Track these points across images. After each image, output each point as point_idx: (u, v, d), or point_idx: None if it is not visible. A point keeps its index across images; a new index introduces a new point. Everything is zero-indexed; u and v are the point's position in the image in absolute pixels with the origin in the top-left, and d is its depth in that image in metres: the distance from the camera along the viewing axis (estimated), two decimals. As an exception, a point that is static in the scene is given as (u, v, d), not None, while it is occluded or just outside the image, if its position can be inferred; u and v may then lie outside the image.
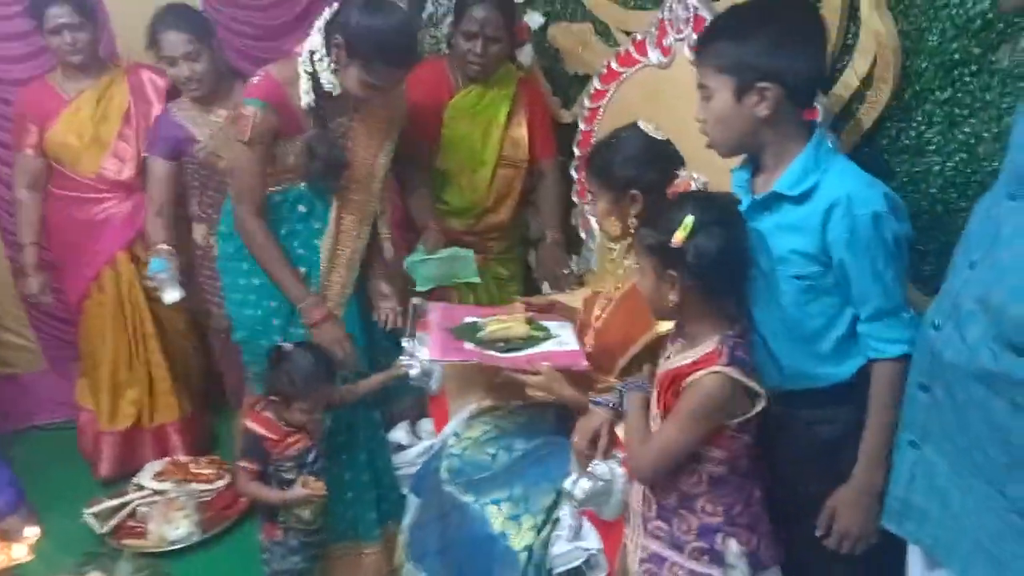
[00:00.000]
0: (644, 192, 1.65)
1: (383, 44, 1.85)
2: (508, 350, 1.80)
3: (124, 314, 2.77)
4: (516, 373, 1.70)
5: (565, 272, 2.37)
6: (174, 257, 2.52)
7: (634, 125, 1.70)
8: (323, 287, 2.10)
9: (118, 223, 2.73)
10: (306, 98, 1.92)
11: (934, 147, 1.62)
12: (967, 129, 1.55)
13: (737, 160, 1.58)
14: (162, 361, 2.83)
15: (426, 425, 2.22)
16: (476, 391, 2.01)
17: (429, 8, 3.28)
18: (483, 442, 1.87)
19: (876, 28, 1.61)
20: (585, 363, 1.71)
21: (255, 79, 1.96)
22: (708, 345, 1.39)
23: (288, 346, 1.94)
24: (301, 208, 2.08)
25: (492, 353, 1.77)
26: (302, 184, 2.05)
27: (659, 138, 1.68)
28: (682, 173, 1.67)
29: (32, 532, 1.77)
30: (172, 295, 2.44)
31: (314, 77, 1.91)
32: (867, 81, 1.68)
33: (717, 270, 1.36)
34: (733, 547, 1.39)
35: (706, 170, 1.73)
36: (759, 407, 1.37)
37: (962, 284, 1.11)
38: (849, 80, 1.71)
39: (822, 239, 1.38)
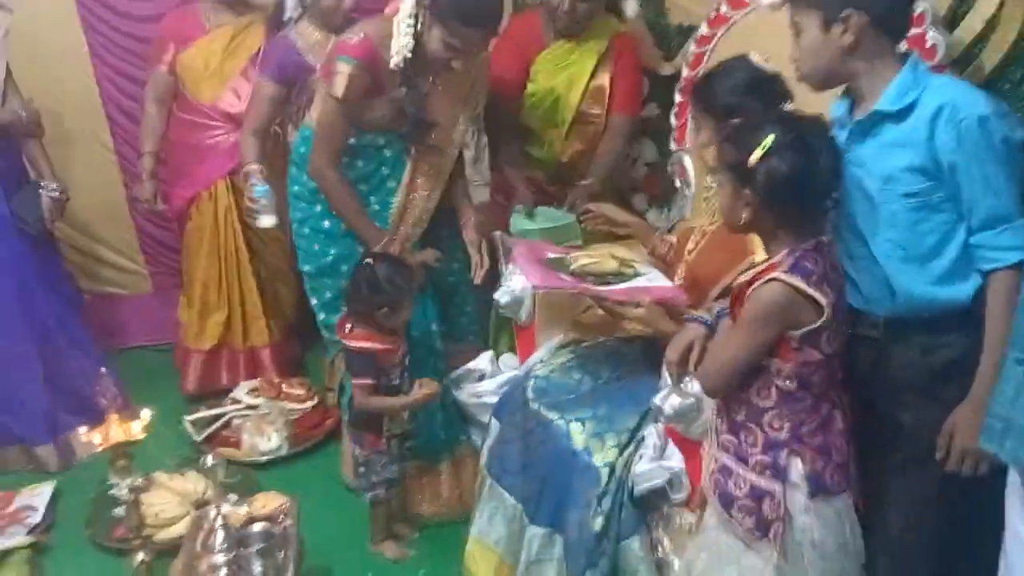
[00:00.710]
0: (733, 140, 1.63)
1: (465, 5, 1.88)
2: (600, 284, 1.81)
3: (219, 238, 2.90)
4: (617, 305, 1.72)
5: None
6: (265, 179, 2.58)
7: (744, 56, 1.70)
8: None
9: (222, 152, 2.86)
10: (396, 58, 1.96)
11: (1059, 94, 1.57)
12: (1100, 74, 1.50)
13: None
14: (254, 286, 2.95)
15: (508, 359, 2.28)
16: (564, 323, 2.05)
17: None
18: (569, 367, 1.91)
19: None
20: (684, 297, 1.72)
21: (352, 37, 2.02)
22: (775, 257, 1.39)
23: (370, 260, 2.01)
24: (380, 164, 2.15)
25: (591, 284, 1.78)
26: (383, 140, 2.11)
27: (768, 70, 1.67)
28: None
29: (146, 414, 1.89)
30: (268, 220, 2.53)
31: (411, 37, 1.95)
32: (991, 23, 1.64)
33: (788, 192, 1.35)
34: (797, 465, 1.38)
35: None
36: (824, 319, 1.34)
37: None
38: (972, 23, 1.66)
39: (930, 149, 1.37)
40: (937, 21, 1.66)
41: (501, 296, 2.06)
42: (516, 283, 2.03)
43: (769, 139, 1.32)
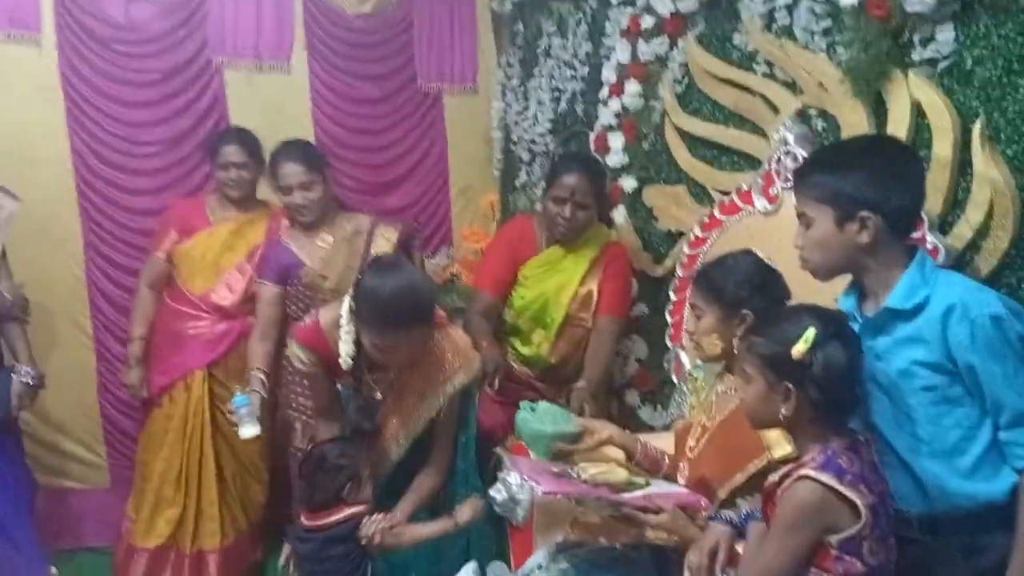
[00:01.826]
0: (755, 314, 1.64)
1: (375, 304, 1.87)
2: (616, 493, 1.71)
3: (186, 431, 2.78)
4: (639, 511, 1.62)
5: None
6: (264, 389, 2.56)
7: (749, 250, 1.74)
8: None
9: (203, 342, 2.82)
10: (344, 357, 1.97)
11: (1058, 296, 1.61)
12: (1094, 278, 1.55)
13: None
14: (214, 484, 2.78)
15: (496, 569, 2.10)
16: (562, 526, 1.92)
17: (523, 177, 3.52)
18: (572, 574, 1.75)
19: (993, 177, 1.66)
20: (705, 502, 1.62)
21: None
22: (807, 455, 1.33)
23: (315, 448, 1.98)
24: None
25: (606, 493, 1.68)
26: None
27: (773, 267, 1.70)
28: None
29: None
30: (249, 431, 2.45)
31: (351, 342, 1.97)
32: (983, 231, 1.71)
33: (840, 384, 1.33)
34: None
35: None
36: (862, 523, 1.26)
37: None
38: (962, 231, 1.74)
39: (944, 346, 1.37)
40: (931, 226, 1.73)
41: (496, 493, 1.93)
42: (513, 479, 1.91)
43: (811, 331, 1.30)
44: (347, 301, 1.97)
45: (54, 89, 3.10)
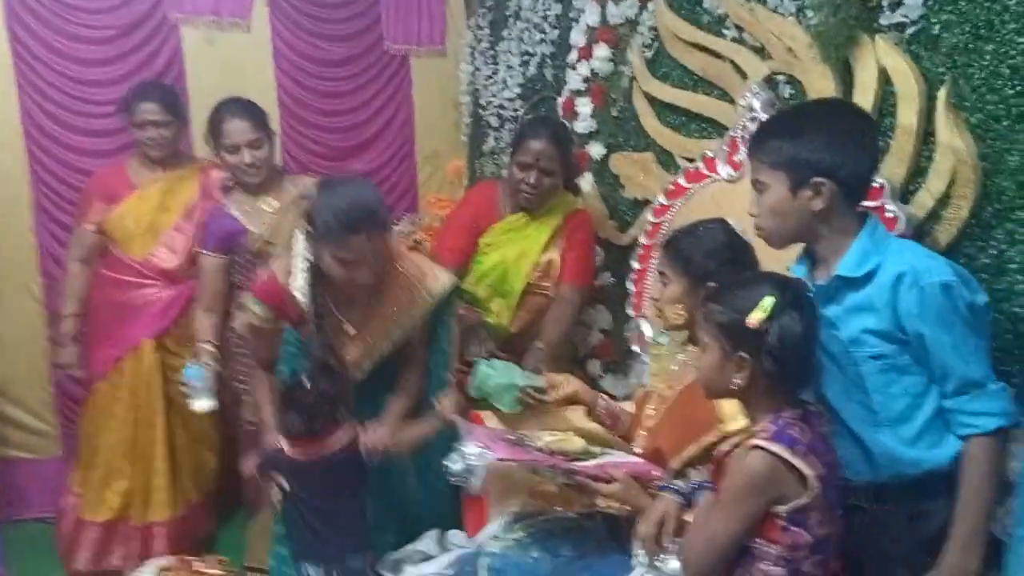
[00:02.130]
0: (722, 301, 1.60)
1: (332, 212, 1.85)
2: (570, 461, 1.71)
3: (136, 402, 2.70)
4: (590, 480, 1.61)
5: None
6: (215, 362, 2.52)
7: (722, 220, 1.70)
8: None
9: (152, 311, 2.73)
10: (299, 299, 1.93)
11: (1016, 266, 1.59)
12: (1053, 246, 1.53)
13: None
14: (164, 457, 2.71)
15: (454, 537, 2.08)
16: (518, 495, 1.90)
17: (491, 143, 3.46)
18: (526, 544, 1.73)
19: (956, 146, 1.63)
20: (657, 472, 1.61)
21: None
22: (758, 425, 1.31)
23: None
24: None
25: (561, 461, 1.67)
26: None
27: (744, 238, 1.67)
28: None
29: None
30: (203, 404, 2.40)
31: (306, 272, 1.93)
32: (943, 200, 1.69)
33: (795, 354, 1.31)
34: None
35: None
36: (811, 494, 1.25)
37: None
38: (923, 200, 1.72)
39: (894, 314, 1.36)
40: (893, 195, 1.71)
41: (453, 463, 1.90)
42: (468, 448, 1.88)
43: (768, 300, 1.28)
44: (299, 239, 1.92)
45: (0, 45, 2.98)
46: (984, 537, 1.28)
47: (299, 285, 1.92)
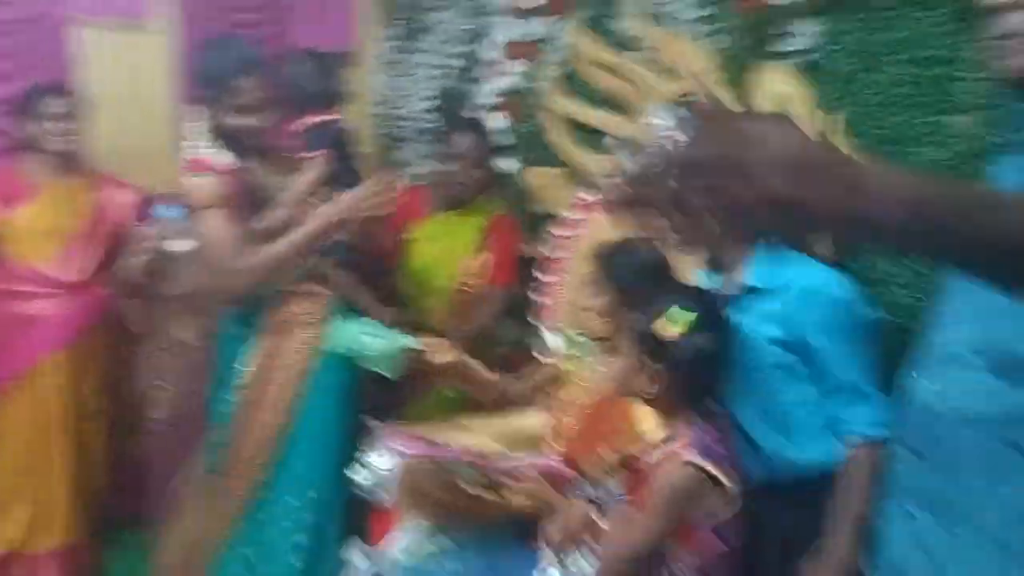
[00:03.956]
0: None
1: (215, 72, 1.99)
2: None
3: (35, 419, 2.50)
4: (504, 476, 1.63)
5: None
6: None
7: (651, 242, 1.72)
8: None
9: (52, 323, 2.54)
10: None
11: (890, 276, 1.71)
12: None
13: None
14: (64, 477, 2.52)
15: (359, 550, 2.04)
16: (428, 505, 1.88)
17: (405, 153, 3.44)
18: (436, 554, 1.73)
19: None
20: (568, 471, 1.64)
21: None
22: (678, 437, 1.35)
23: None
24: None
25: (474, 456, 1.69)
26: None
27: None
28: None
29: None
30: (182, 244, 2.23)
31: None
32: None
33: (706, 370, 1.36)
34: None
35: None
36: (732, 508, 1.30)
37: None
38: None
39: (793, 326, 1.42)
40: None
41: (363, 478, 1.87)
42: (380, 462, 1.86)
43: (685, 315, 1.32)
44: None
45: None
46: (858, 529, 1.34)
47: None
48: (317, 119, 2.25)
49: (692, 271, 1.68)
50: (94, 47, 3.07)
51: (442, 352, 1.94)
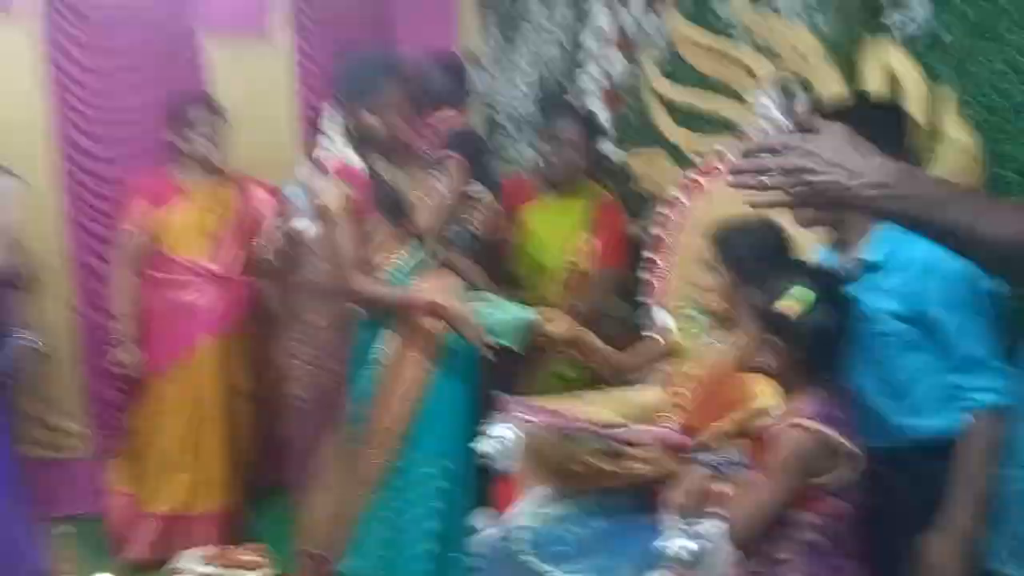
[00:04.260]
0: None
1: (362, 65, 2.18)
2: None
3: (193, 397, 2.80)
4: (623, 445, 1.71)
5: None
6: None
7: (771, 223, 1.73)
8: None
9: (206, 309, 2.84)
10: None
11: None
12: (1053, 228, 1.64)
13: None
14: (219, 448, 2.82)
15: (483, 515, 2.18)
16: (548, 473, 1.99)
17: (506, 145, 3.57)
18: (560, 518, 1.83)
19: (962, 139, 1.74)
20: (687, 439, 1.72)
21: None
22: (796, 404, 1.41)
23: None
24: None
25: (595, 425, 1.77)
26: None
27: (791, 242, 1.74)
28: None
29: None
30: (303, 223, 2.39)
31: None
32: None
33: (825, 345, 1.40)
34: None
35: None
36: (853, 473, 1.35)
37: None
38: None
39: (911, 297, 1.46)
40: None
41: (485, 445, 2.00)
42: (500, 431, 1.99)
43: (803, 292, 1.37)
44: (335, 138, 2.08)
45: (36, 62, 3.08)
46: (980, 500, 1.36)
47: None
48: (449, 119, 2.37)
49: (811, 249, 1.71)
50: (221, 57, 3.34)
51: (560, 324, 2.02)
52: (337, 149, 2.10)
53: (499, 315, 2.04)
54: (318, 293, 2.45)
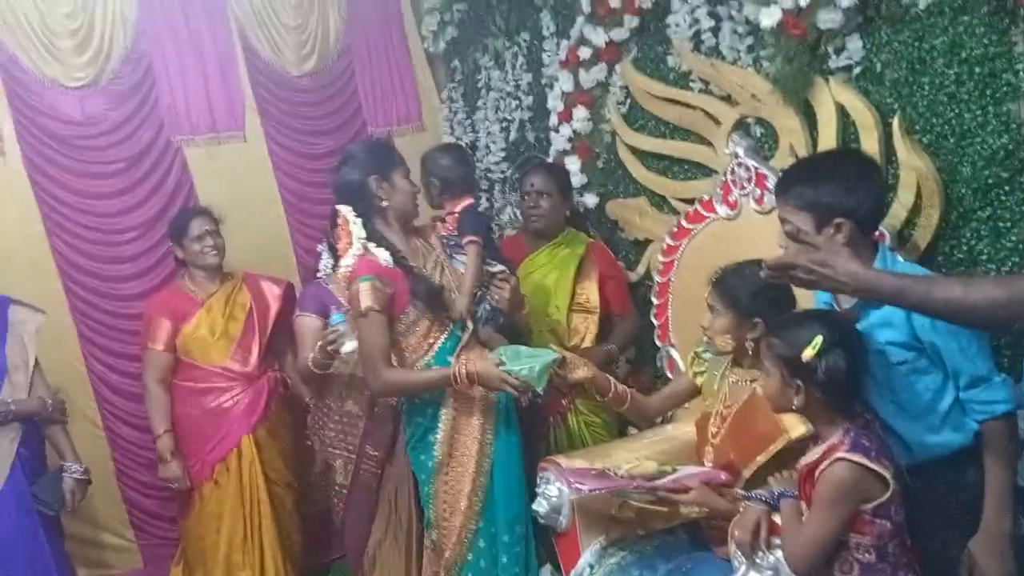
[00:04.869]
0: (765, 321, 1.84)
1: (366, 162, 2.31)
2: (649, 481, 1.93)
3: (243, 496, 2.90)
4: (671, 493, 1.86)
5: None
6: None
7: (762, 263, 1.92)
8: None
9: (242, 409, 2.94)
10: (384, 256, 2.22)
11: (986, 256, 1.92)
12: (1013, 238, 1.86)
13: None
14: (276, 541, 2.92)
15: (546, 574, 2.33)
16: (604, 523, 2.14)
17: (484, 204, 3.73)
18: (625, 567, 1.97)
19: (916, 166, 1.95)
20: (724, 475, 1.87)
21: (351, 265, 2.18)
22: (833, 438, 1.57)
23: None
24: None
25: (642, 482, 1.91)
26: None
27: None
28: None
29: None
30: (351, 344, 2.43)
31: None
32: (915, 209, 2.00)
33: (842, 384, 1.56)
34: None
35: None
36: (891, 491, 1.51)
37: None
38: (897, 212, 2.03)
39: (910, 328, 1.63)
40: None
41: (538, 506, 2.16)
42: (552, 491, 2.14)
43: (819, 339, 1.53)
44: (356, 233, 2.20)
45: (26, 194, 3.18)
46: (1013, 500, 1.56)
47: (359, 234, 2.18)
48: (463, 204, 2.53)
49: (812, 296, 1.87)
50: (202, 163, 3.46)
51: (578, 367, 2.12)
52: (363, 249, 2.19)
53: (529, 360, 2.09)
54: (354, 385, 2.58)
